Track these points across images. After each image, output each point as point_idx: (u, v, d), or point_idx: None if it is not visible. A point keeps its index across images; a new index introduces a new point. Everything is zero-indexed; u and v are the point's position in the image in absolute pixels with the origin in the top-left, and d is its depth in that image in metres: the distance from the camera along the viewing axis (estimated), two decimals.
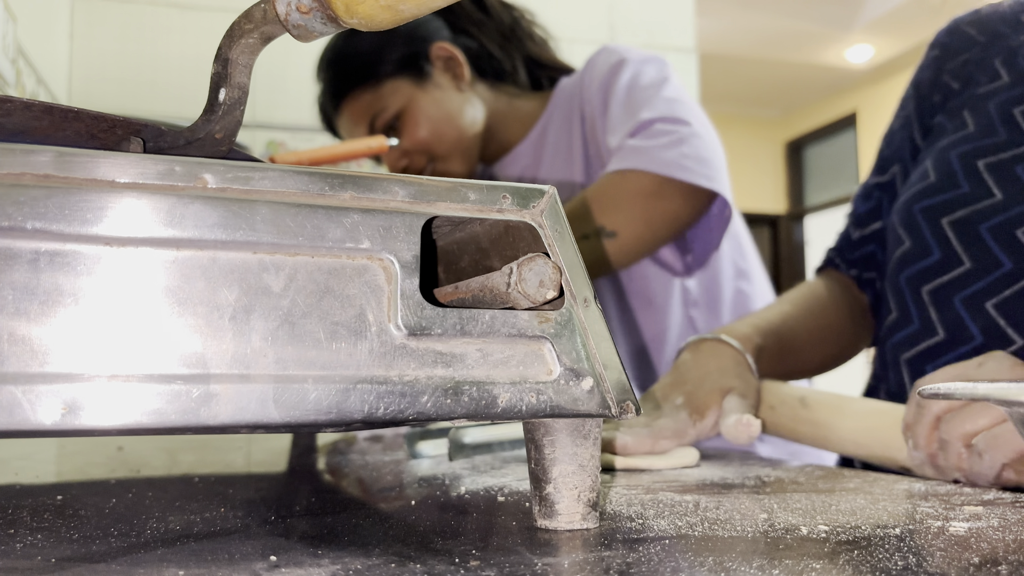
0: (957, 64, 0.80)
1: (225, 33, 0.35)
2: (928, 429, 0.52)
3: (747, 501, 0.41)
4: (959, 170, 0.71)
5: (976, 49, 0.79)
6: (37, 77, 1.79)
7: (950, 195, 0.71)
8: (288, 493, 0.46)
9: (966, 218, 0.69)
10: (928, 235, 0.72)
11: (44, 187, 0.28)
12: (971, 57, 0.79)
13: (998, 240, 0.67)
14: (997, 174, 0.69)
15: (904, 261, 0.75)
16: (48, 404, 0.27)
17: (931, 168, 0.74)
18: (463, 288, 0.36)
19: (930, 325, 0.71)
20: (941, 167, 0.73)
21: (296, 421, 0.30)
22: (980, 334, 0.67)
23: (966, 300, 0.68)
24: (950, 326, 0.69)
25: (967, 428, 0.50)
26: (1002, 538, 0.32)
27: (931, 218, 0.72)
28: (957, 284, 0.69)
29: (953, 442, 0.50)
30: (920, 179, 0.75)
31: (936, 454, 0.52)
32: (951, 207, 0.70)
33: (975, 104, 0.75)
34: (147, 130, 0.34)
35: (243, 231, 0.30)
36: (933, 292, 0.71)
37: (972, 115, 0.75)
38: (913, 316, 0.74)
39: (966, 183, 0.70)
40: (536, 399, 0.33)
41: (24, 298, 0.27)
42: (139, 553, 0.30)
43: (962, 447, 0.50)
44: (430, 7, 0.34)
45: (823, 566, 0.28)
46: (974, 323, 0.67)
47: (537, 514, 0.35)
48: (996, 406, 0.49)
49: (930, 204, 0.72)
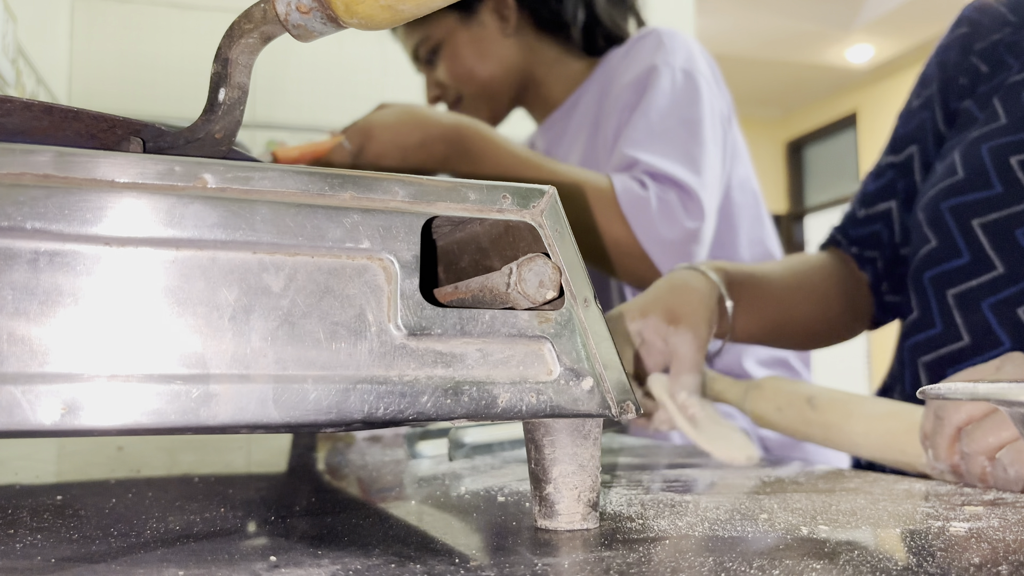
0: (987, 45, 0.76)
1: (225, 33, 0.35)
2: (949, 441, 0.50)
3: (747, 501, 0.41)
4: (991, 167, 0.68)
5: (1008, 30, 0.75)
6: (37, 77, 1.79)
7: (982, 195, 0.68)
8: (288, 493, 0.46)
9: (1000, 221, 0.66)
10: (957, 236, 0.69)
11: (44, 187, 0.28)
12: (1002, 38, 0.75)
13: None
14: None
15: (929, 260, 0.72)
16: (48, 404, 0.27)
17: (959, 162, 0.70)
18: (463, 288, 0.36)
19: (954, 329, 0.69)
20: (971, 162, 0.69)
21: (296, 421, 0.30)
22: (1009, 340, 0.65)
23: (995, 306, 0.66)
24: (976, 331, 0.67)
25: (990, 442, 0.48)
26: (1002, 538, 0.32)
27: (960, 218, 0.69)
28: (987, 288, 0.67)
29: (976, 456, 0.48)
30: (948, 174, 0.71)
31: (959, 465, 0.50)
32: (983, 208, 0.68)
33: (1008, 93, 0.71)
34: (147, 130, 0.34)
35: (243, 231, 0.30)
36: (960, 296, 0.68)
37: (1004, 105, 0.70)
38: (935, 318, 0.71)
39: (999, 183, 0.67)
40: (536, 399, 0.33)
41: (24, 298, 0.27)
42: (139, 553, 0.30)
43: (986, 460, 0.48)
44: (430, 7, 0.34)
45: (823, 566, 0.28)
46: (1002, 329, 0.65)
47: (537, 514, 0.35)
48: None
49: (959, 203, 0.69)
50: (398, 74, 2.57)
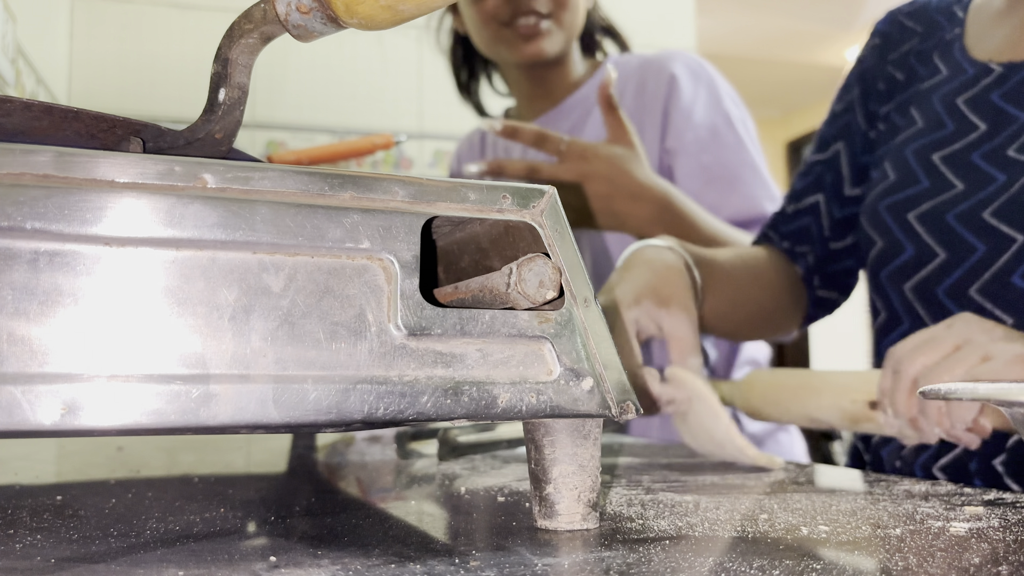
0: (899, 55, 0.82)
1: (225, 33, 0.35)
2: (906, 394, 0.54)
3: (747, 501, 0.41)
4: (916, 167, 0.72)
5: (915, 40, 0.82)
6: (37, 77, 1.79)
7: (912, 191, 0.72)
8: (288, 493, 0.46)
9: (932, 210, 0.70)
10: (897, 232, 0.73)
11: (44, 187, 0.28)
12: (911, 48, 0.82)
13: (968, 226, 0.67)
14: (953, 165, 0.70)
15: (880, 260, 0.75)
16: (47, 404, 0.27)
17: (889, 168, 0.75)
18: (463, 288, 0.35)
19: (920, 322, 0.72)
20: (899, 165, 0.74)
21: (296, 421, 0.30)
22: None
23: (949, 291, 0.69)
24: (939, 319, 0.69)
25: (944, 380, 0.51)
26: (1002, 538, 0.32)
27: (897, 215, 0.73)
28: (936, 276, 0.70)
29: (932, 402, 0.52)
30: (881, 179, 0.76)
31: (916, 418, 0.54)
32: (915, 202, 0.71)
33: (921, 100, 0.77)
34: (147, 130, 0.34)
35: (243, 231, 0.30)
36: (915, 288, 0.72)
37: (919, 111, 0.76)
38: (901, 315, 0.74)
39: (925, 178, 0.71)
40: (536, 399, 0.33)
41: (23, 298, 0.27)
42: (139, 553, 0.30)
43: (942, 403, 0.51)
44: (430, 7, 0.34)
45: (823, 566, 0.28)
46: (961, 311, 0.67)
47: (537, 514, 0.35)
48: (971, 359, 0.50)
49: (893, 201, 0.73)
50: (398, 74, 2.57)
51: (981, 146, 0.69)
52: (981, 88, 0.72)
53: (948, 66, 0.77)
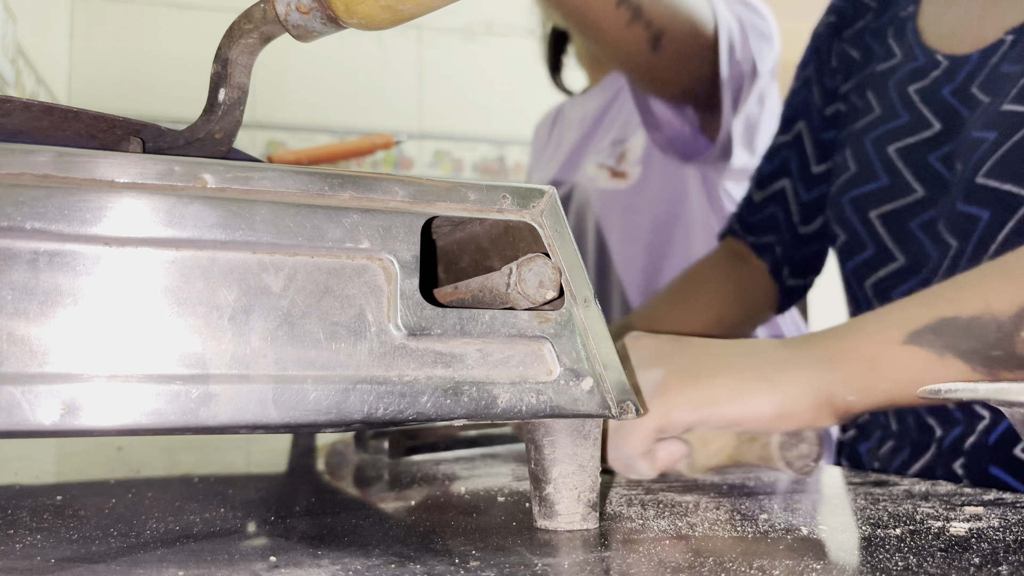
0: (854, 32, 0.82)
1: (225, 33, 0.35)
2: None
3: (747, 501, 0.41)
4: (875, 159, 0.72)
5: (870, 15, 0.81)
6: (37, 77, 1.79)
7: (873, 187, 0.72)
8: (288, 493, 0.46)
9: (893, 213, 0.70)
10: (860, 228, 0.73)
11: (43, 187, 0.28)
12: (866, 24, 0.81)
13: (928, 235, 0.67)
14: (912, 164, 0.69)
15: (845, 254, 0.76)
16: (47, 404, 0.27)
17: (850, 157, 0.75)
18: (463, 288, 0.35)
19: None
20: (859, 156, 0.74)
21: (296, 421, 0.30)
22: None
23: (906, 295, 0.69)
24: None
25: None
26: (1002, 538, 0.32)
27: (860, 211, 0.73)
28: (894, 279, 0.70)
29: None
30: (843, 168, 0.76)
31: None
32: (876, 201, 0.71)
33: (877, 83, 0.76)
34: (147, 130, 0.34)
35: (242, 231, 0.30)
36: (875, 286, 0.72)
37: (875, 96, 0.76)
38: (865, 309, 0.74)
39: (884, 174, 0.71)
40: (536, 399, 0.33)
41: (23, 298, 0.27)
42: (139, 553, 0.30)
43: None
44: (430, 7, 0.34)
45: (823, 566, 0.28)
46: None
47: (537, 514, 0.35)
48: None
49: (856, 195, 0.73)
50: (398, 74, 2.57)
51: (938, 148, 0.68)
52: (931, 80, 0.70)
53: (901, 49, 0.75)
